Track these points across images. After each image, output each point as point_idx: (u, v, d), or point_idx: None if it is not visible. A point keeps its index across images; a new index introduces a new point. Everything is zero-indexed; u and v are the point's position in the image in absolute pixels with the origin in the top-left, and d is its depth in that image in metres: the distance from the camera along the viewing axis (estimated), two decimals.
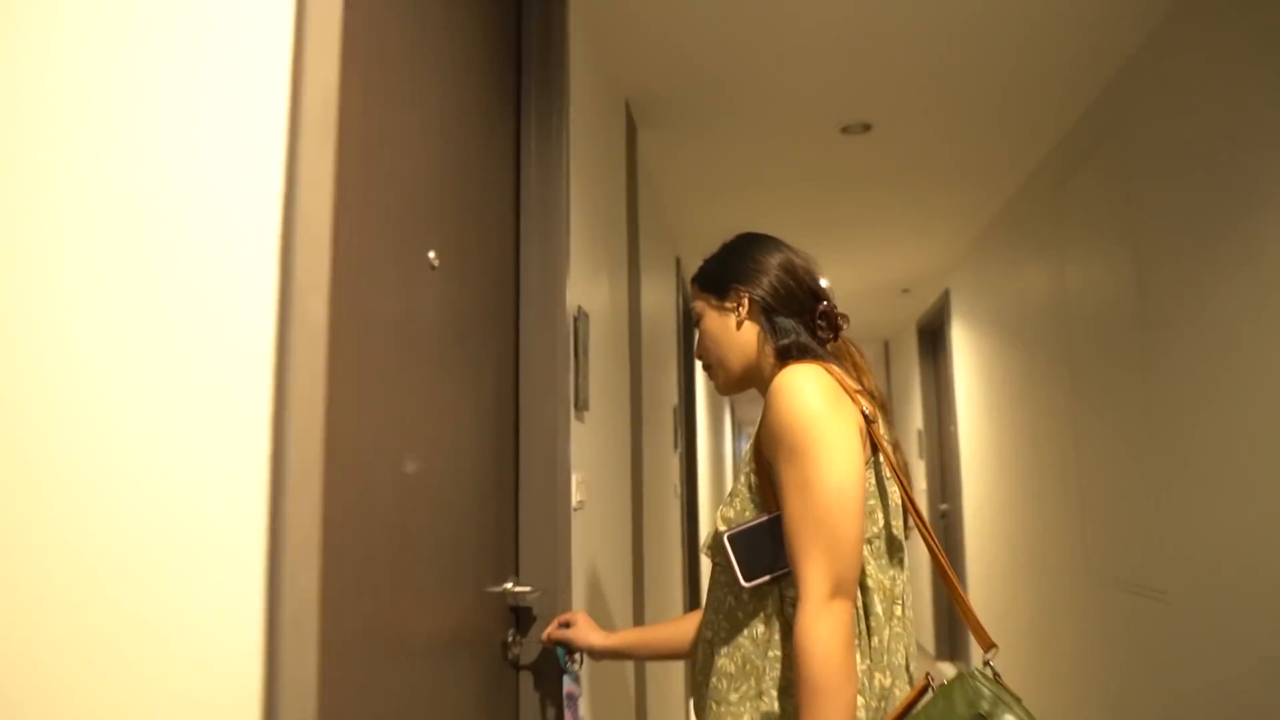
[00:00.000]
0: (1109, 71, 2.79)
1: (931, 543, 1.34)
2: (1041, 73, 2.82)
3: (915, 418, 6.66)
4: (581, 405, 1.97)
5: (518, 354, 1.80)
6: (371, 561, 1.07)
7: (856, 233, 4.58)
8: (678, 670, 4.07)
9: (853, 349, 1.52)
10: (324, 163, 0.83)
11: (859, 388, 1.36)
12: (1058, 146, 3.34)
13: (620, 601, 2.45)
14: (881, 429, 1.34)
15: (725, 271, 1.53)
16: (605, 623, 2.19)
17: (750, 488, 1.35)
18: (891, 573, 1.32)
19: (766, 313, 1.47)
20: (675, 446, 4.33)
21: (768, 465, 1.32)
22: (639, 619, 2.71)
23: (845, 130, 3.22)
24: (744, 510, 1.34)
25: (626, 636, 1.69)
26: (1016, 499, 4.16)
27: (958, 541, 5.34)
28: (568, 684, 1.67)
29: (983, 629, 1.29)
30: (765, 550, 1.29)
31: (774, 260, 1.51)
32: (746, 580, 1.28)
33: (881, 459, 1.33)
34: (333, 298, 0.85)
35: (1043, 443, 3.72)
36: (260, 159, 0.76)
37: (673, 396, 4.27)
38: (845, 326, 1.52)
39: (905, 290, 5.91)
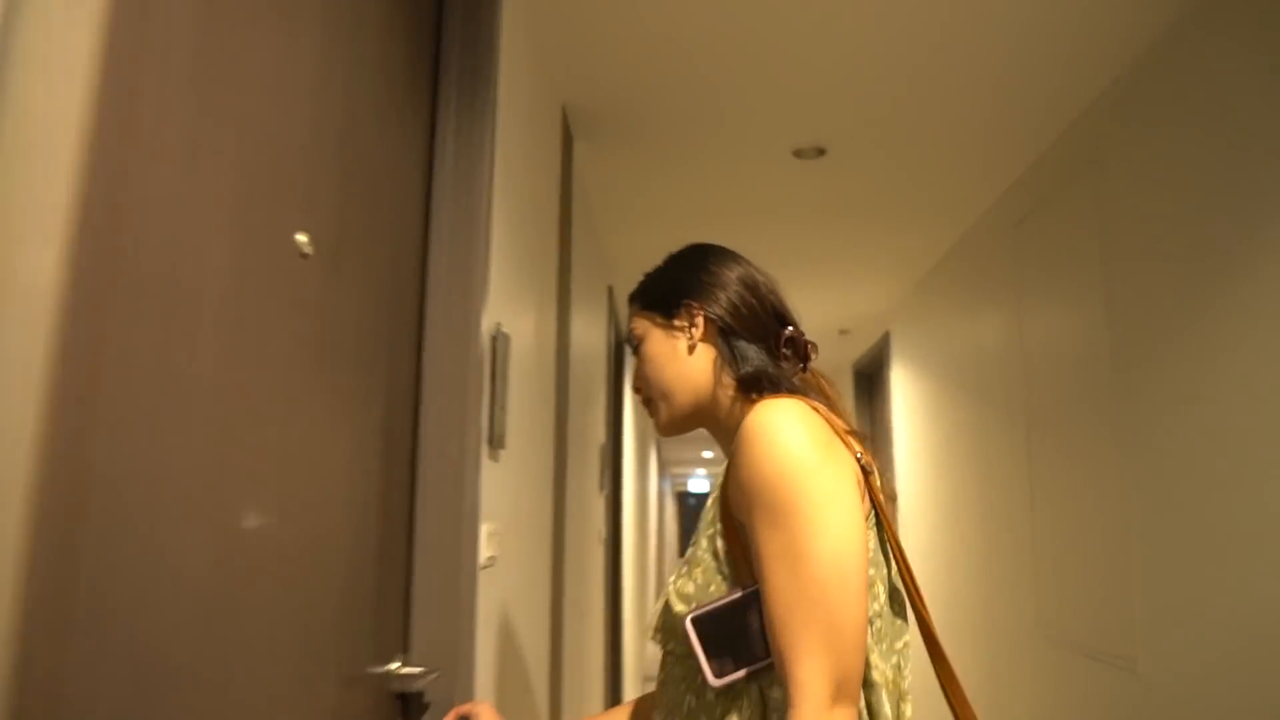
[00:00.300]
0: (1081, 103, 2.61)
1: (925, 619, 1.07)
2: (1009, 102, 2.62)
3: None
4: (496, 441, 1.65)
5: (418, 379, 1.47)
6: (155, 637, 0.74)
7: (800, 268, 4.36)
8: None
9: (823, 382, 1.24)
10: (76, 45, 0.51)
11: (848, 428, 1.08)
12: (1020, 180, 3.15)
13: (535, 676, 2.11)
14: (878, 481, 1.06)
15: (675, 285, 1.25)
16: (516, 709, 1.85)
17: (716, 555, 1.04)
18: (895, 660, 1.04)
19: (725, 335, 1.19)
20: (601, 488, 4.01)
21: (739, 527, 1.02)
22: (555, 698, 2.36)
23: (798, 154, 2.98)
24: (708, 584, 1.03)
25: None
26: (962, 554, 3.93)
27: None
28: None
29: None
30: (739, 637, 0.98)
31: (733, 274, 1.23)
32: (716, 676, 0.98)
33: (880, 519, 1.06)
34: (78, 279, 0.53)
35: (994, 497, 3.50)
36: None
37: (600, 434, 3.96)
38: (815, 356, 1.25)
39: (843, 331, 5.73)
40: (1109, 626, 2.51)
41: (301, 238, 0.99)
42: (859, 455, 1.04)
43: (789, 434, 0.98)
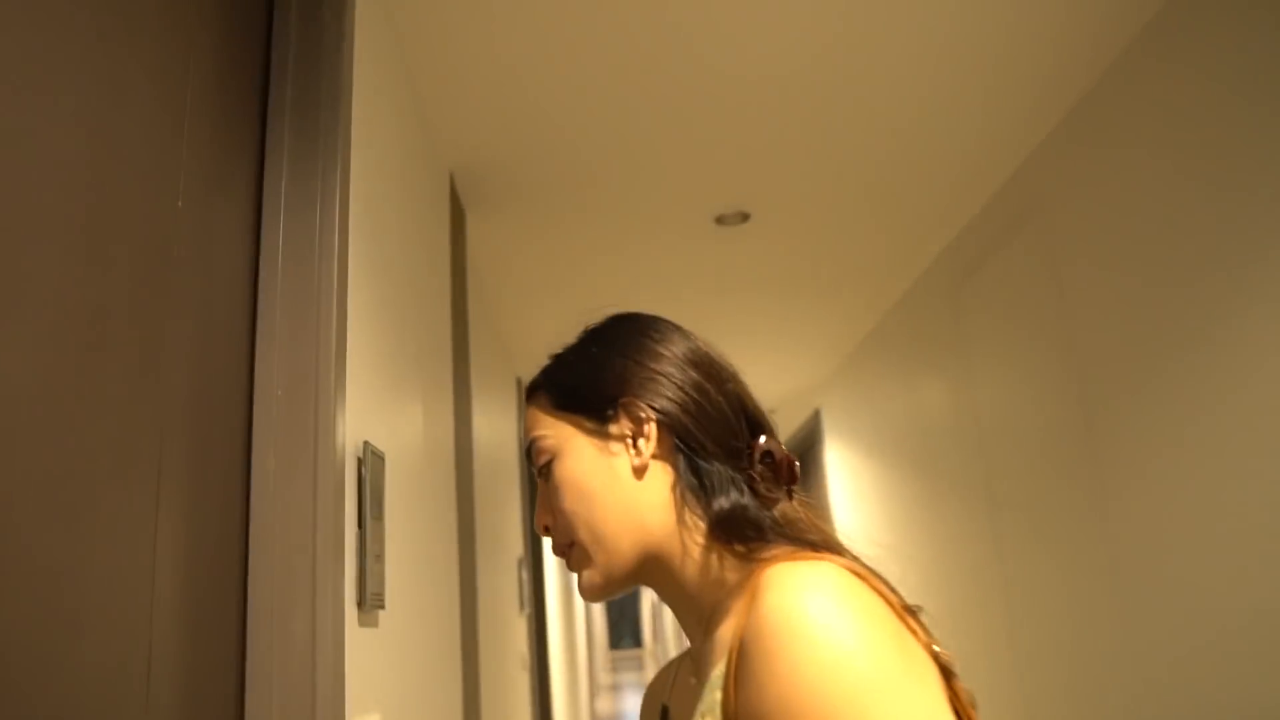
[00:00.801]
0: (1023, 150, 2.38)
1: None
2: (947, 153, 2.37)
3: None
4: (370, 602, 1.22)
5: (246, 534, 1.04)
6: None
7: (722, 344, 4.04)
8: None
9: (811, 513, 0.84)
10: None
11: (904, 603, 0.70)
12: (962, 235, 2.90)
13: None
14: (960, 684, 0.68)
15: (605, 373, 0.85)
16: None
17: None
18: None
19: (683, 451, 0.80)
20: (521, 608, 3.54)
21: None
22: None
23: (720, 220, 2.67)
24: None
25: None
26: None
27: None
28: None
29: None
30: None
31: (678, 350, 0.86)
32: None
33: None
34: None
35: (958, 583, 3.16)
36: None
37: (517, 546, 3.52)
38: (799, 480, 0.86)
39: (770, 411, 5.41)
40: None
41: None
42: (937, 649, 0.66)
43: (846, 633, 0.61)
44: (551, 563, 5.12)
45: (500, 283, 3.09)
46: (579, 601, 9.09)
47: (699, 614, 0.77)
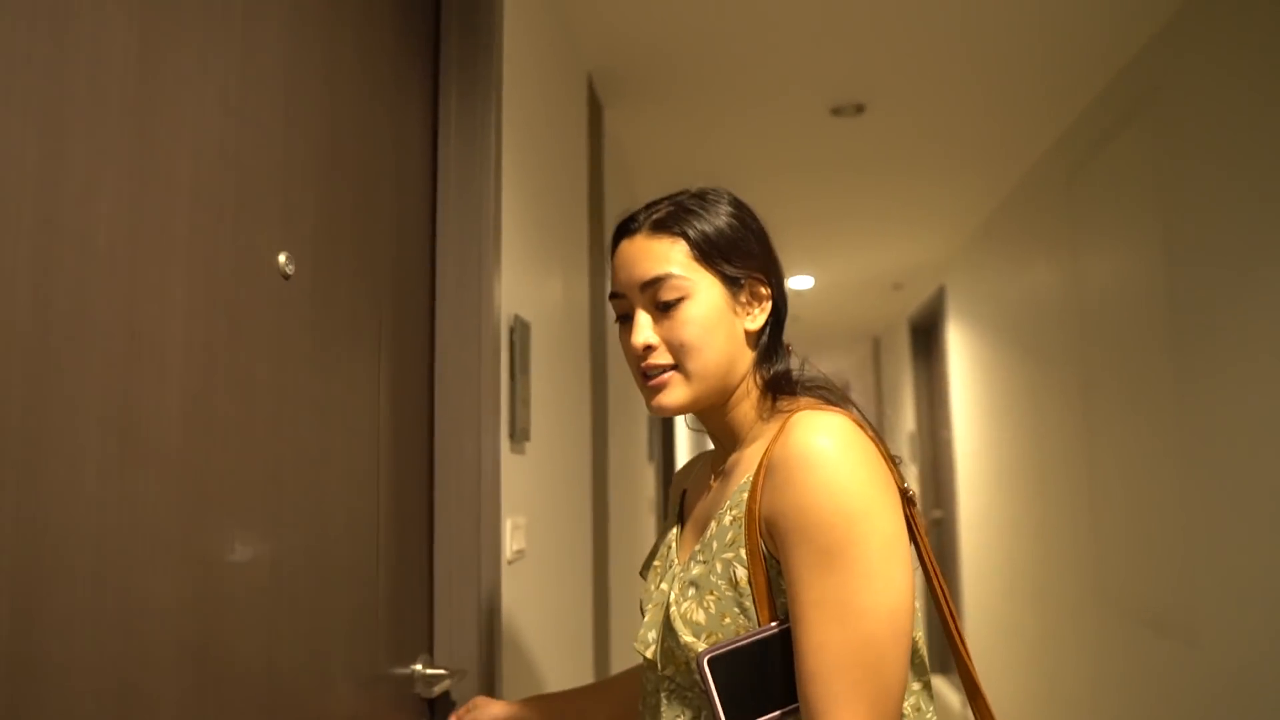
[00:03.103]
0: (1137, 42, 2.46)
1: (965, 659, 0.98)
2: (1057, 46, 2.48)
3: (907, 420, 6.34)
4: (519, 435, 1.63)
5: (431, 379, 1.45)
6: (137, 685, 0.73)
7: (846, 223, 4.24)
8: None
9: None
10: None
11: (886, 450, 0.97)
12: (1073, 127, 3.00)
13: (578, 665, 2.11)
14: (918, 511, 0.97)
15: (745, 247, 1.03)
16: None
17: (734, 584, 0.92)
18: (931, 704, 0.97)
19: (771, 324, 1.06)
20: (650, 457, 3.99)
21: (767, 556, 0.91)
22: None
23: (836, 112, 2.87)
24: (722, 616, 0.92)
25: (538, 701, 1.29)
26: (1019, 515, 3.84)
27: (951, 553, 5.02)
28: None
29: None
30: (758, 679, 0.88)
31: (775, 251, 1.09)
32: None
33: (921, 555, 0.97)
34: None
35: (1050, 456, 3.39)
36: None
37: None
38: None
39: (897, 286, 5.58)
40: (1170, 596, 2.42)
41: (281, 258, 0.96)
42: (905, 486, 0.94)
43: (850, 463, 0.87)
44: (682, 420, 5.56)
45: (637, 167, 3.40)
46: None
47: (734, 437, 1.06)
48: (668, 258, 1.00)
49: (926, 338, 6.00)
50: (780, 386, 1.03)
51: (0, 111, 0.59)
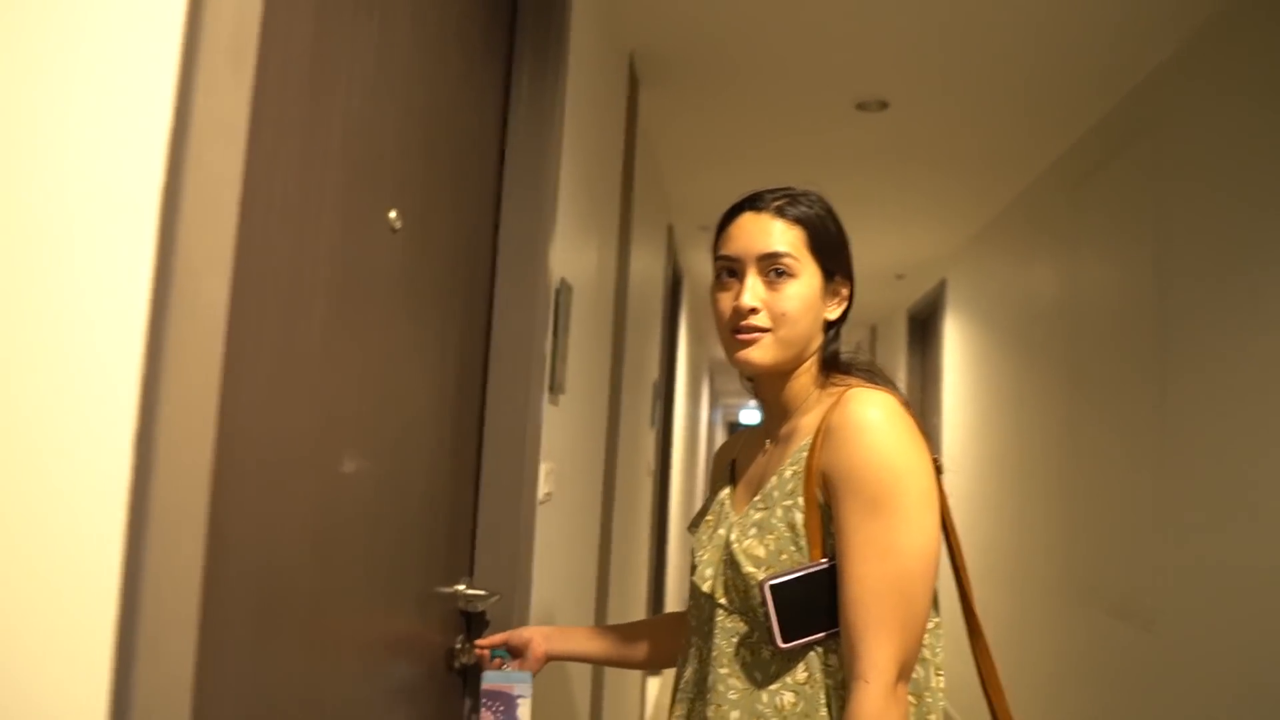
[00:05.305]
0: (1145, 67, 2.60)
1: (971, 607, 1.20)
2: (1072, 62, 2.62)
3: None
4: (557, 388, 1.78)
5: (489, 331, 1.60)
6: (278, 564, 0.89)
7: (857, 213, 4.34)
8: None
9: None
10: (234, 98, 0.63)
11: (923, 426, 1.16)
12: (1082, 140, 3.15)
13: (584, 597, 2.28)
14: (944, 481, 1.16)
15: (842, 253, 1.24)
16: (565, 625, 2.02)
17: (793, 527, 1.11)
18: (927, 638, 1.15)
19: (841, 317, 1.25)
20: (652, 424, 4.16)
21: (822, 505, 1.09)
22: (601, 617, 2.54)
23: (861, 107, 3.01)
24: (780, 552, 1.11)
25: (572, 631, 1.54)
26: (998, 502, 4.02)
27: None
28: (499, 682, 1.46)
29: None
30: (810, 606, 1.07)
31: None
32: (785, 641, 1.07)
33: (944, 516, 1.15)
34: (239, 272, 0.66)
35: (1032, 450, 3.57)
36: (140, 91, 0.56)
37: (654, 371, 4.09)
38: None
39: (900, 276, 5.74)
40: (1132, 584, 2.61)
41: (392, 214, 1.11)
42: (936, 456, 1.12)
43: (896, 432, 1.07)
44: (681, 392, 5.73)
45: (662, 145, 3.54)
46: (704, 429, 9.79)
47: (787, 405, 1.22)
48: (789, 239, 1.18)
49: (924, 328, 6.17)
50: (840, 367, 1.22)
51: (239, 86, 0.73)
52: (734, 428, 20.89)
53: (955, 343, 5.02)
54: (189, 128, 0.57)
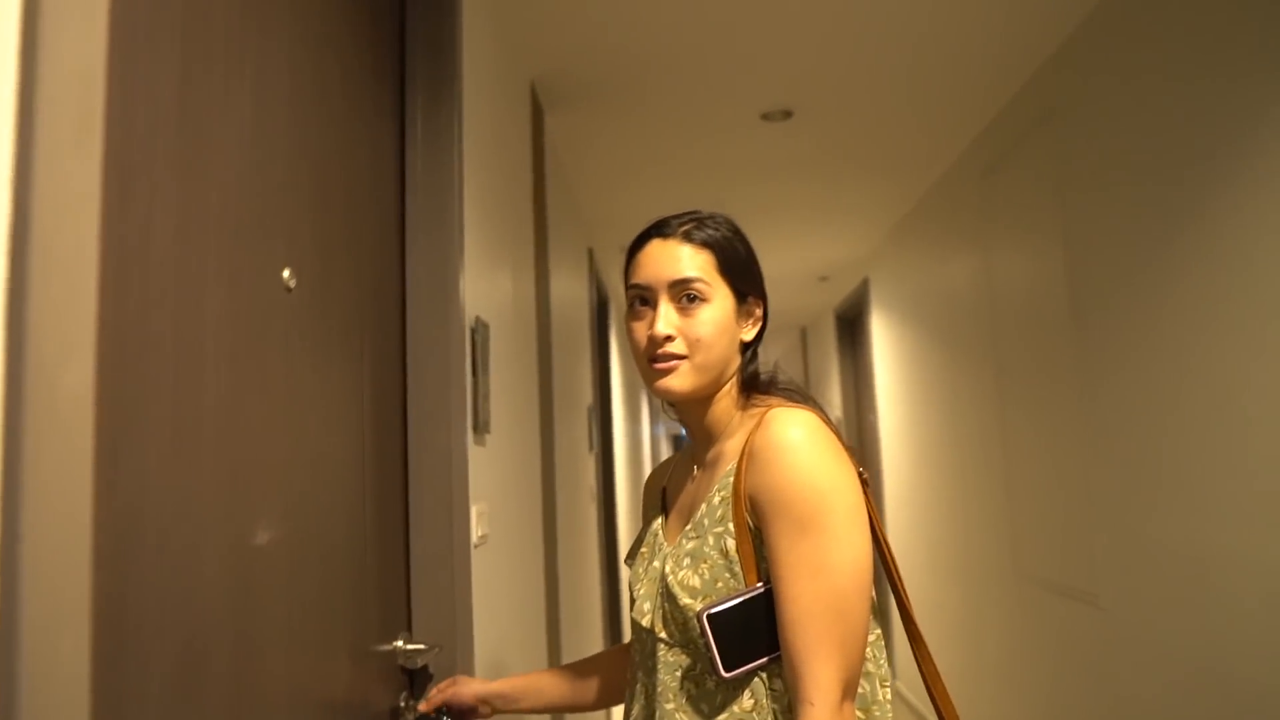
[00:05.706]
0: (1039, 58, 2.67)
1: (909, 613, 1.19)
2: (967, 57, 2.68)
3: (834, 406, 6.60)
4: (481, 428, 1.75)
5: (404, 378, 1.57)
6: (193, 644, 0.84)
7: (775, 220, 4.43)
8: None
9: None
10: (82, 175, 0.59)
11: (846, 442, 1.16)
12: (986, 131, 3.22)
13: (534, 645, 2.24)
14: (870, 492, 1.16)
15: (752, 273, 1.25)
16: (519, 671, 1.98)
17: (725, 554, 1.10)
18: (870, 650, 1.14)
19: (756, 337, 1.25)
20: (590, 447, 4.13)
21: (752, 529, 1.09)
22: (555, 658, 2.50)
23: (766, 117, 3.04)
24: (715, 580, 1.10)
25: (515, 681, 1.47)
26: (940, 494, 4.08)
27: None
28: None
29: None
30: (749, 632, 1.06)
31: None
32: (727, 670, 1.05)
33: (874, 527, 1.14)
34: (105, 356, 0.63)
35: (967, 438, 3.63)
36: None
37: (587, 394, 4.07)
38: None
39: (823, 278, 5.81)
40: (1075, 564, 2.66)
41: (285, 273, 1.07)
42: (861, 470, 1.12)
43: (819, 450, 1.06)
44: (619, 412, 5.72)
45: (575, 170, 3.53)
46: (647, 445, 9.78)
47: (711, 429, 1.22)
48: (698, 264, 1.18)
49: (852, 327, 6.25)
50: (759, 387, 1.22)
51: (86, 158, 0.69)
52: (679, 441, 20.96)
53: (883, 340, 5.10)
54: (30, 213, 0.54)
